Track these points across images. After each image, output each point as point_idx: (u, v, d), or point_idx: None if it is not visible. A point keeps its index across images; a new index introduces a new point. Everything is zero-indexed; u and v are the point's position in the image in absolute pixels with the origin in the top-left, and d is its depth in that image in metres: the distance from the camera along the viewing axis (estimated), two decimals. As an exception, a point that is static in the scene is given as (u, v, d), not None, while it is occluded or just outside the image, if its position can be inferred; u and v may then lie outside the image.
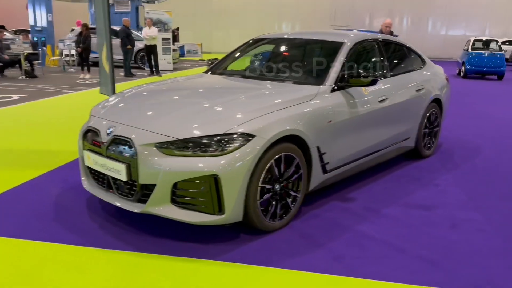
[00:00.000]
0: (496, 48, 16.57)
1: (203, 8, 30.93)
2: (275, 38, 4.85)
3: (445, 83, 5.58)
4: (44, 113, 7.64)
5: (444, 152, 5.53)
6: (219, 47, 30.98)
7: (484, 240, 3.14)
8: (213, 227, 3.15)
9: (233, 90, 3.79)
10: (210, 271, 2.65)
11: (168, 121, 3.02)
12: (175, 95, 3.78)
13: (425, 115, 5.00)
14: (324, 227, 3.28)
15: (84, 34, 12.87)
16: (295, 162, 3.19)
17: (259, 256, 2.83)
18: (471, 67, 15.82)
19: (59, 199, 3.70)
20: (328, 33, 4.80)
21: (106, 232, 3.12)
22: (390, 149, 4.52)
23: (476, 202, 3.89)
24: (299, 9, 30.28)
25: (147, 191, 2.90)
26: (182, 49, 21.69)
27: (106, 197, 3.14)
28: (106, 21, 4.79)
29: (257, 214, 2.98)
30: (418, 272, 2.70)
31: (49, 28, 17.25)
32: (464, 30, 28.63)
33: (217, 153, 2.80)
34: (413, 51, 5.28)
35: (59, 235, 3.05)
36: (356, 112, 3.79)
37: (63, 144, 5.49)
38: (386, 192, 4.05)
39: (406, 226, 3.34)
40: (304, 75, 4.00)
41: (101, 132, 3.11)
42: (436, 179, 4.46)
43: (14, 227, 3.16)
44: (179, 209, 2.87)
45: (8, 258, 2.76)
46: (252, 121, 2.95)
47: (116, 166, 2.94)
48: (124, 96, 3.72)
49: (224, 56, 4.82)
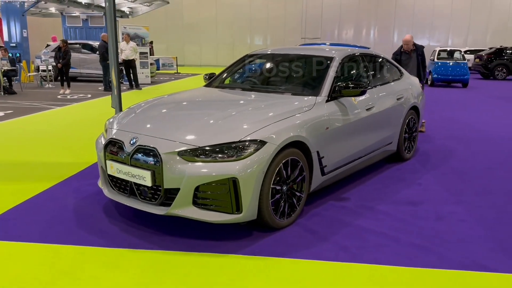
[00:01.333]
0: (460, 58, 17.59)
1: (175, 22, 31.24)
2: (267, 54, 5.24)
3: (421, 91, 6.12)
4: (35, 128, 7.75)
5: (422, 154, 6.03)
6: (192, 60, 31.34)
7: (466, 229, 3.59)
8: (229, 226, 3.47)
9: (239, 102, 4.13)
10: (231, 264, 2.96)
11: (188, 131, 3.35)
12: (186, 107, 4.11)
13: (405, 121, 5.48)
14: (327, 223, 3.66)
15: (63, 49, 12.94)
16: (299, 165, 3.57)
17: (274, 249, 3.17)
18: (437, 76, 16.74)
19: (77, 207, 3.93)
20: (316, 49, 5.23)
21: (129, 234, 3.39)
22: (376, 152, 4.96)
23: (456, 197, 4.36)
24: (269, 22, 30.99)
25: (170, 195, 3.21)
26: (158, 62, 21.89)
27: (129, 202, 3.42)
28: (113, 42, 5.06)
29: (269, 213, 3.32)
30: (413, 256, 3.10)
31: (24, 43, 17.17)
32: (428, 40, 29.98)
33: (234, 158, 3.14)
34: (391, 63, 5.78)
35: (86, 239, 3.30)
36: (348, 119, 4.21)
37: (64, 156, 5.69)
38: (376, 192, 4.47)
39: (398, 220, 3.75)
40: (300, 87, 4.41)
41: (125, 142, 3.39)
42: (419, 179, 4.93)
43: (40, 234, 3.39)
44: (200, 210, 3.18)
45: (44, 261, 2.98)
46: (262, 129, 3.31)
47: (141, 173, 3.23)
48: (138, 109, 4.01)
49: (221, 71, 5.16)
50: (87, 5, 19.45)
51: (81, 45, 16.81)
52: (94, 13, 21.05)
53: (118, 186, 3.56)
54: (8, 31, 17.09)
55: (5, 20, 17.14)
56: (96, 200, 4.08)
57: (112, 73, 5.04)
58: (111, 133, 3.64)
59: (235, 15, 30.89)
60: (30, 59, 17.53)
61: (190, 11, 31.27)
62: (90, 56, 16.10)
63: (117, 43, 5.28)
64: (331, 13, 30.42)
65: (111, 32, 5.01)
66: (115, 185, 3.58)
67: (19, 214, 3.77)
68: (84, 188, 4.41)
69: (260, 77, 4.96)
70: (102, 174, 3.73)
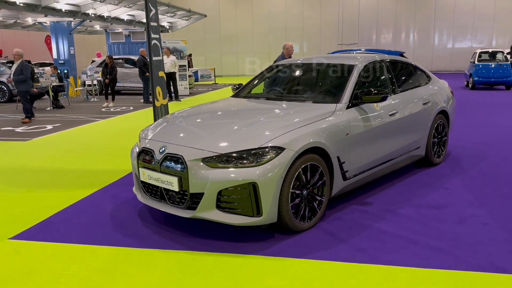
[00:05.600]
0: (502, 59, 17.01)
1: (213, 35, 32.09)
2: (292, 64, 5.42)
3: (450, 96, 6.08)
4: (80, 140, 8.29)
5: (453, 159, 5.99)
6: (229, 70, 31.98)
7: (487, 232, 3.60)
8: (251, 229, 3.66)
9: (261, 110, 4.34)
10: (252, 263, 3.15)
11: (211, 139, 3.59)
12: (212, 117, 4.37)
13: (433, 126, 5.49)
14: (347, 226, 3.77)
15: (110, 65, 13.66)
16: (319, 170, 3.71)
17: (294, 250, 3.33)
18: (478, 79, 16.28)
19: (114, 211, 4.26)
20: (339, 57, 5.36)
21: (159, 235, 3.65)
22: (402, 157, 5.01)
23: (482, 201, 4.35)
24: (305, 30, 31.17)
25: (196, 199, 3.44)
26: (196, 74, 22.54)
27: (160, 206, 3.69)
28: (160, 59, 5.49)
29: (289, 216, 3.49)
30: (429, 258, 3.16)
31: (71, 60, 18.23)
32: (471, 42, 29.12)
33: (254, 164, 3.34)
34: (419, 69, 5.81)
35: (122, 240, 3.59)
36: (370, 125, 4.31)
37: (106, 165, 6.12)
38: (400, 196, 4.53)
39: (419, 223, 3.81)
40: (321, 95, 4.57)
41: (155, 151, 3.68)
42: (445, 183, 4.93)
43: (80, 236, 3.72)
44: (224, 213, 3.40)
45: (82, 260, 3.29)
46: (281, 136, 3.50)
47: (169, 179, 3.50)
48: (169, 120, 4.32)
49: (248, 82, 5.40)
50: (129, 22, 20.39)
51: (123, 60, 17.66)
52: (135, 29, 22.00)
53: (150, 191, 3.84)
54: (56, 49, 18.21)
55: (54, 39, 18.28)
56: (131, 205, 4.39)
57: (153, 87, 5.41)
58: (143, 143, 3.94)
59: (271, 25, 31.31)
60: (77, 74, 18.58)
61: (227, 23, 32.03)
62: (132, 70, 16.86)
63: (162, 62, 5.65)
64: (368, 18, 30.20)
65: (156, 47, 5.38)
66: (147, 190, 3.87)
67: (64, 218, 4.14)
68: (121, 194, 4.74)
69: (284, 87, 5.14)
70: (136, 181, 4.04)
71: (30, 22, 19.77)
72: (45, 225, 3.99)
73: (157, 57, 5.53)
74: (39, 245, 3.57)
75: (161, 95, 5.58)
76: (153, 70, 5.38)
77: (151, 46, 5.50)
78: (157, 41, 5.53)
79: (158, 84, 5.54)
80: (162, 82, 5.74)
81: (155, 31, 5.49)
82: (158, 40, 5.56)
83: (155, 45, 5.50)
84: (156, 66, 5.49)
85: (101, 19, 18.57)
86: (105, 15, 18.39)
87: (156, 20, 5.58)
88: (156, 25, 5.52)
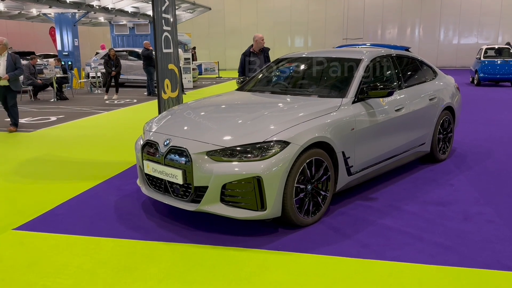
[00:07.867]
0: (508, 56, 16.86)
1: (217, 28, 31.97)
2: (297, 57, 5.38)
3: (456, 92, 6.03)
4: (84, 132, 8.28)
5: (458, 156, 5.96)
6: (233, 64, 31.85)
7: (493, 230, 3.57)
8: (255, 222, 3.65)
9: (266, 104, 4.31)
10: (255, 257, 3.14)
11: (215, 132, 3.57)
12: (217, 110, 4.34)
13: (438, 122, 5.45)
14: (351, 222, 3.76)
15: (114, 57, 13.64)
16: (324, 165, 3.69)
17: (298, 245, 3.31)
18: (484, 75, 16.16)
19: (118, 204, 4.25)
20: (345, 51, 5.31)
21: (163, 228, 3.65)
22: (408, 153, 4.98)
23: (487, 198, 4.32)
24: (310, 25, 30.99)
25: (200, 193, 3.43)
26: (200, 67, 22.49)
27: (163, 199, 3.68)
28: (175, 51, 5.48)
29: (293, 210, 3.47)
30: (434, 255, 3.15)
31: (75, 52, 18.21)
32: (477, 38, 28.90)
33: (259, 158, 3.32)
34: (425, 64, 5.75)
35: (125, 233, 3.59)
36: (375, 120, 4.28)
37: (110, 157, 6.13)
38: (405, 192, 4.51)
39: (424, 220, 3.79)
40: (327, 89, 4.53)
41: (160, 144, 3.67)
42: (451, 180, 4.90)
43: (84, 228, 3.71)
44: (228, 207, 3.38)
45: (86, 252, 3.29)
46: (286, 130, 3.47)
47: (174, 172, 3.48)
48: (173, 113, 4.30)
49: (253, 75, 5.36)
50: (133, 14, 20.34)
51: (127, 52, 17.62)
52: (140, 21, 21.95)
53: (154, 184, 3.83)
54: (61, 40, 18.19)
55: (58, 30, 18.25)
56: (135, 198, 4.39)
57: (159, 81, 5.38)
58: (148, 135, 3.92)
59: (275, 20, 31.15)
60: (81, 66, 18.56)
61: (231, 17, 31.88)
62: (136, 62, 16.83)
63: (177, 52, 5.62)
64: (373, 13, 29.98)
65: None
66: (151, 183, 3.86)
67: (67, 210, 4.14)
68: (125, 187, 4.74)
69: (289, 80, 5.11)
70: (140, 173, 4.03)
71: (35, 13, 19.73)
72: (49, 217, 3.99)
73: (167, 49, 5.48)
74: (43, 236, 3.58)
75: (170, 88, 5.54)
76: (160, 63, 5.33)
77: (162, 38, 5.43)
78: (168, 33, 5.47)
79: (167, 77, 5.49)
80: (173, 75, 5.68)
81: (167, 23, 5.43)
82: (169, 32, 5.51)
83: (166, 38, 5.45)
84: (165, 59, 5.44)
85: (105, 10, 18.53)
86: (110, 7, 18.35)
87: (170, 12, 5.50)
88: (168, 17, 5.46)
